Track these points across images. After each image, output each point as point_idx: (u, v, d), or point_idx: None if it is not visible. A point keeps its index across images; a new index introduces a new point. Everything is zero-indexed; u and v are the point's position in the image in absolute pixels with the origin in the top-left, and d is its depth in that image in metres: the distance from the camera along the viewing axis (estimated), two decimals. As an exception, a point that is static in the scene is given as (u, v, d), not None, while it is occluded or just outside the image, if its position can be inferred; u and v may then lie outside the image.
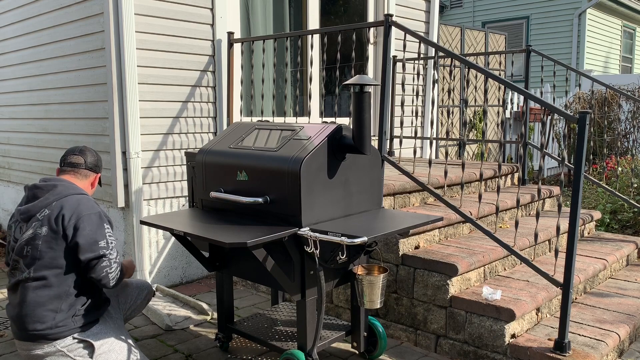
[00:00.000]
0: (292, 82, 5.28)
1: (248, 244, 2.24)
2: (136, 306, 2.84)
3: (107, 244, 2.36)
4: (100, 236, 2.35)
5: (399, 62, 5.25)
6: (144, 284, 2.90)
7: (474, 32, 8.45)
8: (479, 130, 8.47)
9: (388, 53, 3.53)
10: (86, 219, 2.34)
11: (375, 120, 5.35)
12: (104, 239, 2.36)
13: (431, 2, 6.13)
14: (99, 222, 2.37)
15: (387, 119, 3.54)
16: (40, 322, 2.28)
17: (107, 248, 2.35)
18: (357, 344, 2.98)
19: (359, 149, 2.62)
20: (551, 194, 4.79)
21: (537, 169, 8.92)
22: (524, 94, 3.07)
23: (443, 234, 3.63)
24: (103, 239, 2.35)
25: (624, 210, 5.59)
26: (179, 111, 4.28)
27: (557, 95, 11.97)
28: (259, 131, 2.91)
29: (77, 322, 2.35)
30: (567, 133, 8.24)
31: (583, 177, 2.70)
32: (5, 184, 5.70)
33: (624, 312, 3.30)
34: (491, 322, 2.93)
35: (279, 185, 2.54)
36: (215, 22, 4.40)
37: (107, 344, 2.39)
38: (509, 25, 14.12)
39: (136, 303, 2.83)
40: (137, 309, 2.85)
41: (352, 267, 2.82)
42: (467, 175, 4.32)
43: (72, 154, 2.55)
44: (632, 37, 15.90)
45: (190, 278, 4.48)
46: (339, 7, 5.68)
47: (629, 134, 8.33)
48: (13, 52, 5.20)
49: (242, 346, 3.20)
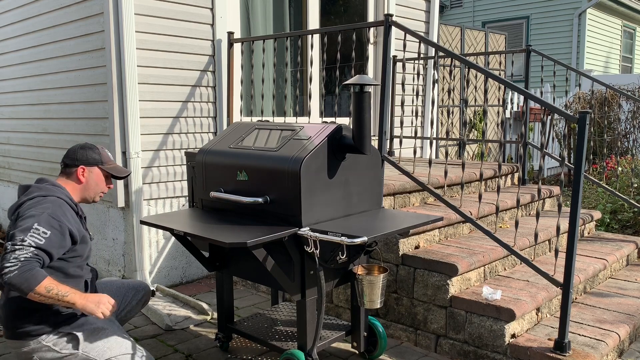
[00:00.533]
0: (292, 82, 5.28)
1: (248, 244, 2.24)
2: (131, 307, 2.82)
3: (26, 240, 2.15)
4: (27, 230, 2.17)
5: (399, 62, 5.24)
6: (140, 284, 2.88)
7: (474, 32, 8.45)
8: (479, 130, 8.47)
9: (388, 53, 3.53)
10: (29, 212, 2.23)
11: (375, 120, 5.35)
12: (27, 233, 2.16)
13: (431, 2, 6.13)
14: (38, 220, 2.20)
15: (387, 118, 3.54)
16: (21, 320, 2.28)
17: (24, 242, 2.14)
18: (357, 344, 2.97)
19: (359, 149, 2.62)
20: (551, 194, 4.79)
21: (537, 168, 8.92)
22: (524, 93, 3.07)
23: (443, 234, 3.63)
24: (27, 233, 2.16)
25: (624, 210, 5.59)
26: (179, 111, 4.28)
27: (557, 95, 11.97)
28: (259, 131, 2.91)
29: (59, 317, 2.32)
30: (567, 133, 8.24)
31: (583, 177, 2.70)
32: (6, 184, 5.70)
33: (624, 312, 3.30)
34: (491, 322, 2.93)
35: (279, 185, 2.54)
36: (215, 22, 4.40)
37: (93, 333, 2.36)
38: (509, 25, 14.12)
39: (131, 304, 2.81)
40: (132, 310, 2.84)
41: (352, 267, 2.82)
42: (467, 175, 4.32)
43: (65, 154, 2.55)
44: (632, 37, 15.90)
45: (190, 278, 4.48)
46: (339, 7, 5.68)
47: (629, 134, 8.33)
48: (13, 52, 5.20)
49: (242, 346, 3.20)
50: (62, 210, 2.32)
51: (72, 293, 2.18)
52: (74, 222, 2.37)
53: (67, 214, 2.34)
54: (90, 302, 2.22)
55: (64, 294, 2.16)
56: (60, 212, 2.31)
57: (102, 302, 2.25)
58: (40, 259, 2.17)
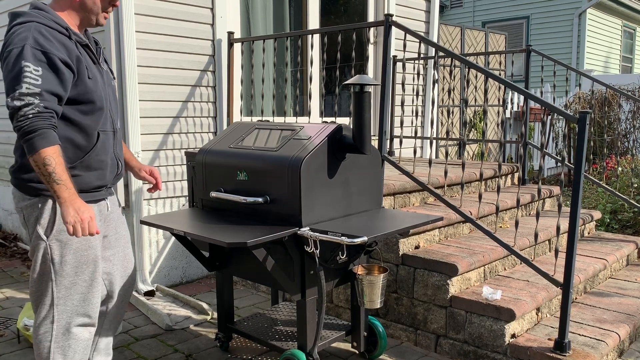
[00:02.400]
0: (292, 82, 5.28)
1: (248, 243, 2.24)
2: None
3: (23, 88, 1.88)
4: (18, 75, 1.88)
5: (399, 62, 5.24)
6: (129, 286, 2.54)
7: (474, 32, 8.45)
8: (479, 130, 8.47)
9: (388, 53, 3.53)
10: (10, 48, 1.91)
11: (375, 120, 5.35)
12: (20, 79, 1.88)
13: (431, 2, 6.13)
14: (24, 56, 1.87)
15: (387, 118, 3.54)
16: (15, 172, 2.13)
17: (22, 93, 1.88)
18: (357, 344, 2.98)
19: (359, 149, 2.62)
20: (551, 194, 4.79)
21: (537, 168, 8.92)
22: (524, 93, 3.07)
23: (443, 234, 3.63)
24: (20, 79, 1.88)
25: (624, 210, 5.59)
26: (179, 111, 4.28)
27: (557, 95, 11.97)
28: (259, 131, 2.91)
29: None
30: (567, 133, 8.25)
31: (583, 177, 2.70)
32: (6, 183, 5.70)
33: (624, 312, 3.30)
34: (491, 322, 2.93)
35: (279, 185, 2.54)
36: (215, 21, 4.40)
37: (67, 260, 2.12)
38: (509, 25, 14.12)
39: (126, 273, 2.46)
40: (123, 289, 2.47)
41: (352, 266, 2.82)
42: (467, 175, 4.32)
43: None
44: (632, 37, 15.90)
45: (191, 278, 4.48)
46: (339, 6, 5.68)
47: (629, 134, 8.33)
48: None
49: (242, 346, 3.20)
50: (45, 37, 1.92)
51: (64, 185, 1.90)
52: (64, 49, 1.96)
53: (52, 40, 1.94)
54: (74, 208, 1.91)
55: (57, 179, 1.89)
56: (43, 38, 1.91)
57: (83, 217, 1.92)
58: (51, 111, 1.90)
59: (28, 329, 3.18)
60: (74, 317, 2.20)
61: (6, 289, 4.23)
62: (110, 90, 2.25)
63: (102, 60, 2.23)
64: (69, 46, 1.99)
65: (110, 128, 2.21)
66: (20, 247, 5.39)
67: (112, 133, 2.23)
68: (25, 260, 5.00)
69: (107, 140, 2.20)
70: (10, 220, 5.69)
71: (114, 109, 2.26)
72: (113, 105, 2.25)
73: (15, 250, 5.33)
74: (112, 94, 2.26)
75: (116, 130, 2.26)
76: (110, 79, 2.28)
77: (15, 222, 5.60)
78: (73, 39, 2.03)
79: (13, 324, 3.51)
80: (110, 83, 2.28)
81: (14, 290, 4.19)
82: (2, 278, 4.52)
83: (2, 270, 4.73)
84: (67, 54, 1.96)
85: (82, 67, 2.02)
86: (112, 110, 2.23)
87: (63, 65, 1.93)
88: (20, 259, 5.07)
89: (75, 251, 2.13)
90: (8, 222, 5.75)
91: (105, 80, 2.20)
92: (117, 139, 2.28)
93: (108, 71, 2.28)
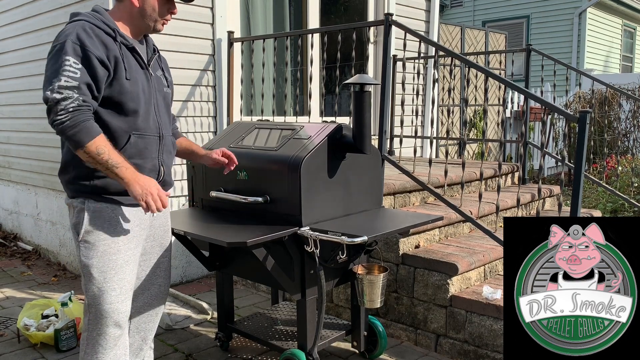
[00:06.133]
0: (292, 82, 5.28)
1: (248, 243, 2.24)
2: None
3: (62, 81, 1.88)
4: (58, 69, 1.90)
5: (399, 62, 5.24)
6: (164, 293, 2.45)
7: (474, 32, 8.44)
8: (479, 129, 8.47)
9: (388, 52, 3.53)
10: (54, 43, 1.96)
11: (375, 120, 5.34)
12: (60, 73, 1.89)
13: (431, 1, 6.12)
14: (65, 50, 1.91)
15: (387, 118, 3.54)
16: (62, 173, 2.14)
17: (62, 86, 1.88)
18: (357, 344, 2.97)
19: (359, 148, 2.62)
20: (551, 193, 4.79)
21: (538, 168, 8.92)
22: (524, 93, 3.07)
23: (443, 233, 3.63)
24: (59, 73, 1.89)
25: (624, 209, 5.59)
26: (178, 110, 4.28)
27: (558, 94, 11.97)
28: (259, 130, 2.91)
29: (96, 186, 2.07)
30: (567, 132, 8.24)
31: (583, 176, 2.70)
32: (6, 183, 5.70)
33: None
34: (491, 322, 2.93)
35: (279, 185, 2.54)
36: (215, 21, 4.39)
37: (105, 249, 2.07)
38: (509, 24, 14.11)
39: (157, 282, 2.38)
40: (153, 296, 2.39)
41: (352, 266, 2.82)
42: (468, 175, 4.32)
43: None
44: (633, 36, 15.89)
45: (191, 277, 4.48)
46: (339, 6, 5.67)
47: (629, 133, 8.33)
48: (13, 52, 5.20)
49: (242, 345, 3.20)
50: (87, 33, 1.94)
51: (123, 166, 1.91)
52: (103, 47, 1.97)
53: (92, 37, 1.95)
54: (139, 185, 1.93)
55: (115, 164, 1.89)
56: (85, 35, 1.93)
57: (151, 191, 1.93)
58: (89, 105, 1.90)
59: (28, 328, 3.18)
60: (104, 328, 2.10)
61: (6, 288, 4.23)
62: (161, 97, 2.22)
63: (154, 65, 2.22)
64: (110, 46, 1.99)
65: (155, 133, 2.16)
66: (20, 246, 5.39)
67: (158, 138, 2.17)
68: (25, 260, 5.00)
69: (147, 145, 2.12)
70: (10, 220, 5.69)
71: (162, 115, 2.22)
72: (162, 111, 2.21)
73: (15, 250, 5.33)
74: (163, 100, 2.23)
75: (162, 135, 2.19)
76: (162, 85, 2.24)
77: (15, 221, 5.60)
78: (118, 41, 2.03)
79: (13, 323, 3.51)
80: (162, 89, 2.24)
81: (14, 290, 4.19)
82: (2, 278, 4.52)
83: (2, 270, 4.73)
84: (106, 52, 1.97)
85: (120, 67, 2.01)
86: (160, 116, 2.19)
87: (98, 62, 1.94)
88: (20, 258, 5.07)
89: (101, 254, 2.05)
90: (8, 222, 5.75)
91: (154, 85, 2.18)
92: (164, 144, 2.21)
93: (162, 77, 2.25)
